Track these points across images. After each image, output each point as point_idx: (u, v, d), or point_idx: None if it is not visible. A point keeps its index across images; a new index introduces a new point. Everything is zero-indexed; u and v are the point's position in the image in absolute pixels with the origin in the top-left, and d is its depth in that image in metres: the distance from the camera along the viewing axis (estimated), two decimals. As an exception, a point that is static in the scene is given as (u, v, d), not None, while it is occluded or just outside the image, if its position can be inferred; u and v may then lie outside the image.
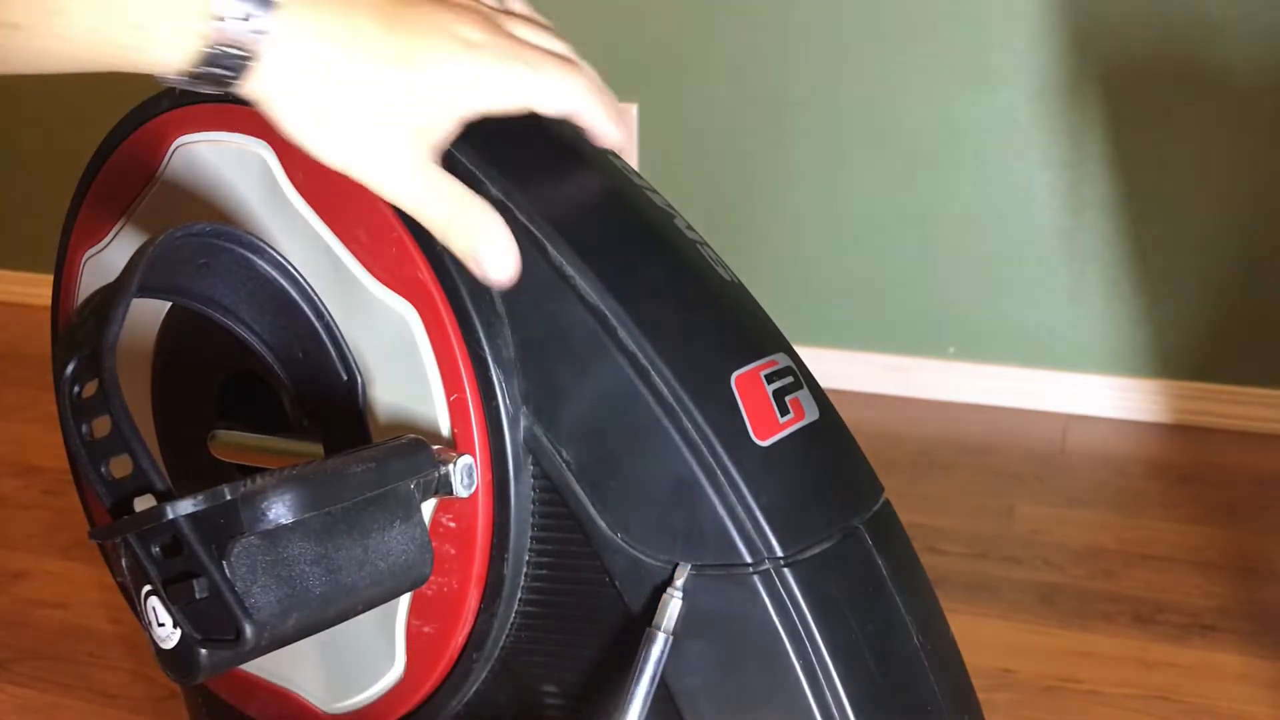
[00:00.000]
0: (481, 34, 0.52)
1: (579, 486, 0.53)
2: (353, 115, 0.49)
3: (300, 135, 0.49)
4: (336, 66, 0.48)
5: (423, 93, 0.50)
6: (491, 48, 0.52)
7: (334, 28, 0.48)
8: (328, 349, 0.57)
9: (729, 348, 0.55)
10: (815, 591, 0.52)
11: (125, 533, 0.44)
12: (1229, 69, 1.68)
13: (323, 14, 0.48)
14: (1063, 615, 1.35)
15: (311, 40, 0.48)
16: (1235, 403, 1.82)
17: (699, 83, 1.89)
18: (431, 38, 0.50)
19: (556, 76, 0.53)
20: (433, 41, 0.50)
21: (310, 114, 0.49)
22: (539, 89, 0.53)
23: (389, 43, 0.49)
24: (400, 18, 0.50)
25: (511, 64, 0.52)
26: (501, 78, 0.52)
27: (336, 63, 0.48)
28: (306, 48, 0.48)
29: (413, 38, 0.50)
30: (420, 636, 0.57)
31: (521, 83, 0.52)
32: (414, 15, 0.50)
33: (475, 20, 0.52)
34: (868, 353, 1.94)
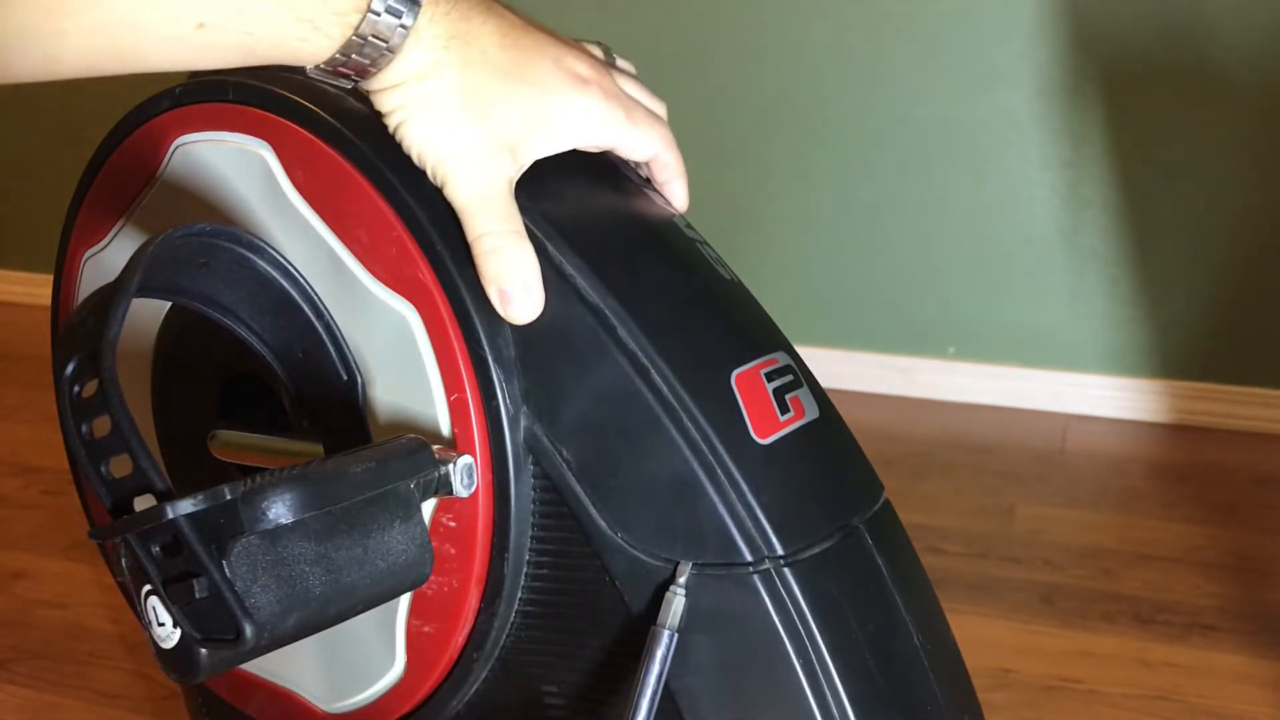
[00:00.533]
0: (590, 72, 0.55)
1: (579, 486, 0.53)
2: (456, 115, 0.52)
3: (403, 122, 0.52)
4: (455, 69, 0.51)
5: (525, 112, 0.53)
6: (598, 86, 0.55)
7: (462, 35, 0.51)
8: (328, 349, 0.57)
9: (729, 346, 0.55)
10: (815, 591, 0.52)
11: (125, 532, 0.44)
12: (1229, 69, 1.68)
13: (455, 21, 0.51)
14: (1063, 615, 1.35)
15: (441, 42, 0.51)
16: (1235, 403, 1.82)
17: (699, 82, 1.89)
18: (545, 64, 0.53)
19: (647, 127, 0.57)
20: (545, 68, 0.53)
21: (419, 106, 0.52)
22: (630, 134, 0.56)
23: (505, 59, 0.52)
24: (519, 40, 0.53)
25: (611, 105, 0.55)
26: (600, 116, 0.55)
27: (456, 66, 0.51)
28: (435, 49, 0.51)
29: (528, 60, 0.53)
30: (420, 636, 0.57)
31: (616, 125, 0.56)
32: (531, 41, 0.54)
33: (585, 59, 0.55)
34: (868, 353, 1.94)
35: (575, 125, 0.54)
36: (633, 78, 0.60)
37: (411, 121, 0.52)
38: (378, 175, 0.54)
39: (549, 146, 0.54)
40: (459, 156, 0.52)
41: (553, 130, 0.54)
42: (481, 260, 0.53)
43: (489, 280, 0.53)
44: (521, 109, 0.53)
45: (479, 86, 0.52)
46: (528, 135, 0.53)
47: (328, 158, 0.55)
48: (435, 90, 0.51)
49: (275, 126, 0.57)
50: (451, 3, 0.51)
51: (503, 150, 0.53)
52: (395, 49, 0.50)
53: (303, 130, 0.56)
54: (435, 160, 0.53)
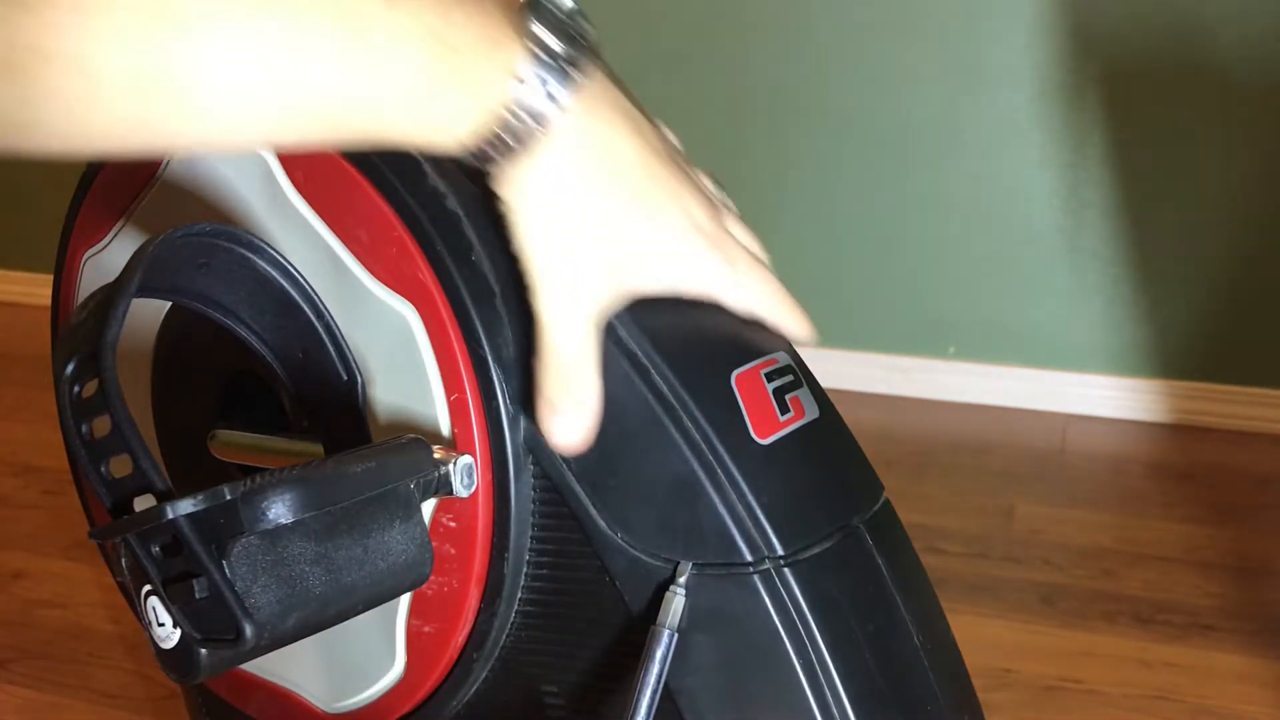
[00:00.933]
0: (706, 219, 0.53)
1: (579, 486, 0.53)
2: (569, 230, 0.50)
3: (516, 214, 0.50)
4: (584, 184, 0.49)
5: (640, 251, 0.51)
6: (709, 235, 0.53)
7: (599, 148, 0.49)
8: (328, 349, 0.57)
9: (729, 346, 0.55)
10: (815, 591, 0.52)
11: (125, 533, 0.44)
12: (1229, 69, 1.68)
13: (598, 131, 0.49)
14: (1063, 615, 1.35)
15: (575, 150, 0.49)
16: (1235, 403, 1.82)
17: (699, 82, 1.89)
18: (668, 200, 0.52)
19: (752, 281, 0.55)
20: (668, 204, 0.52)
21: (538, 204, 0.49)
22: (732, 287, 0.55)
23: (635, 186, 0.51)
24: (652, 170, 0.51)
25: (717, 257, 0.54)
26: (705, 267, 0.53)
27: (586, 181, 0.49)
28: (568, 156, 0.49)
29: (655, 191, 0.51)
30: (420, 636, 0.57)
31: (719, 277, 0.54)
32: (663, 172, 0.52)
33: (703, 202, 0.54)
34: (868, 353, 1.94)
35: (683, 275, 0.53)
36: (738, 220, 0.58)
37: (525, 219, 0.50)
38: (378, 175, 0.54)
39: (649, 288, 0.52)
40: (560, 268, 0.50)
41: (659, 275, 0.52)
42: (543, 375, 0.51)
43: (544, 396, 0.51)
44: (638, 244, 0.51)
45: (605, 207, 0.50)
46: (633, 273, 0.51)
47: (328, 157, 0.55)
48: (560, 202, 0.49)
49: (275, 126, 0.57)
50: (598, 113, 0.49)
51: (605, 275, 0.51)
52: (530, 147, 0.47)
53: (303, 130, 0.56)
54: (535, 263, 0.50)
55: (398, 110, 0.45)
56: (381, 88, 0.44)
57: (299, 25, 0.41)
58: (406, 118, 0.45)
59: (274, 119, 0.43)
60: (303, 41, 0.41)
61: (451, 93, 0.45)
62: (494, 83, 0.46)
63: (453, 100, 0.45)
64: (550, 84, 0.47)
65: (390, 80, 0.44)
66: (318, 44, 0.42)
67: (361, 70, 0.43)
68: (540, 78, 0.47)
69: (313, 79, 0.42)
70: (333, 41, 0.42)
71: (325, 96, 0.43)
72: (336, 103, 0.43)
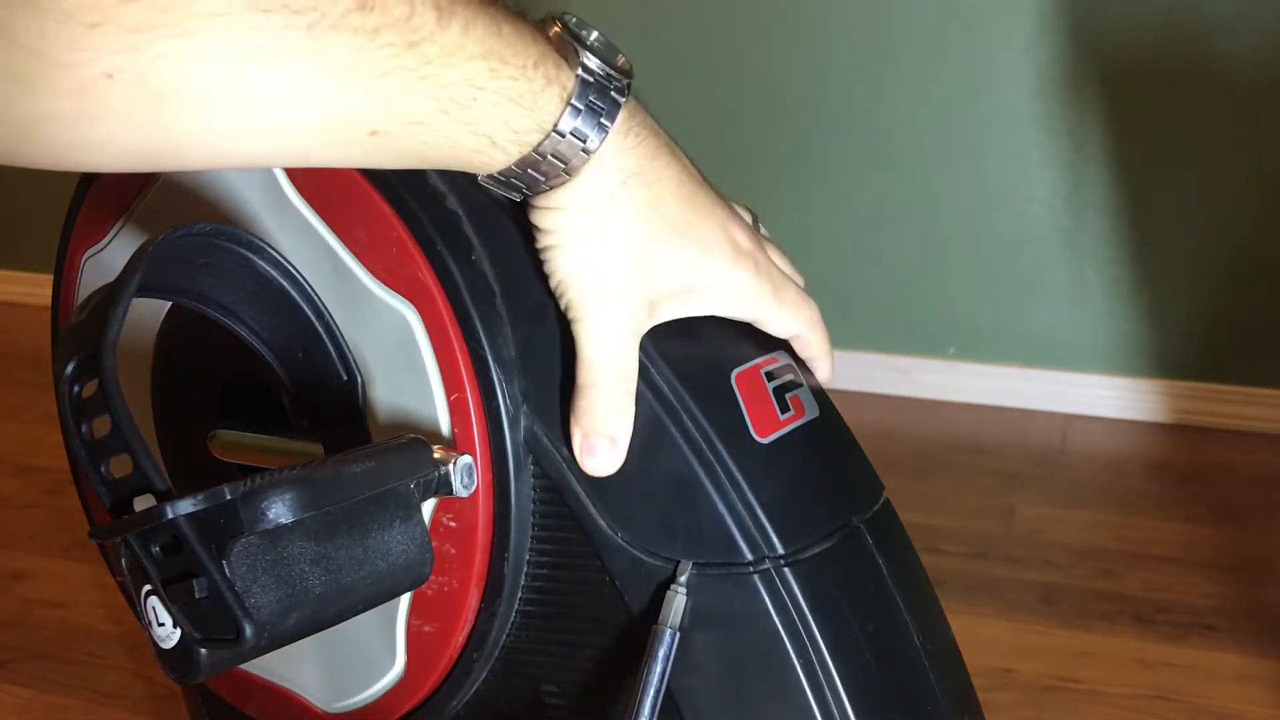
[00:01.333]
0: (749, 244, 0.54)
1: (579, 486, 0.53)
2: (615, 257, 0.50)
3: (556, 246, 0.50)
4: (628, 210, 0.49)
5: (683, 274, 0.51)
6: (752, 260, 0.54)
7: (643, 174, 0.49)
8: (328, 349, 0.57)
9: (729, 345, 0.55)
10: (815, 591, 0.52)
11: (125, 532, 0.44)
12: (1229, 69, 1.68)
13: (640, 159, 0.49)
14: (1063, 615, 1.35)
15: (621, 177, 0.49)
16: (1235, 403, 1.82)
17: (699, 83, 1.89)
18: (712, 227, 0.52)
19: (794, 305, 0.56)
20: (712, 231, 0.52)
21: (579, 236, 0.49)
22: (775, 312, 0.55)
23: (678, 212, 0.50)
24: (693, 195, 0.51)
25: (762, 282, 0.54)
26: (750, 291, 0.54)
27: (630, 207, 0.49)
28: (614, 183, 0.49)
29: (699, 219, 0.51)
30: (420, 636, 0.57)
31: (763, 302, 0.54)
32: (704, 200, 0.52)
33: (744, 229, 0.54)
34: (868, 353, 1.94)
35: (724, 296, 0.53)
36: (776, 248, 0.58)
37: (566, 249, 0.50)
38: (377, 175, 0.54)
39: (691, 311, 0.53)
40: (601, 300, 0.50)
41: (700, 297, 0.52)
42: (581, 406, 0.51)
43: (580, 426, 0.51)
44: (680, 270, 0.51)
45: (646, 234, 0.50)
46: (675, 297, 0.51)
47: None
48: (601, 226, 0.49)
49: (275, 126, 0.57)
50: (640, 137, 0.49)
51: (646, 306, 0.51)
52: (574, 171, 0.48)
53: (303, 130, 0.56)
54: (576, 295, 0.50)
55: (455, 128, 0.45)
56: (435, 104, 0.44)
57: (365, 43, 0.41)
58: (462, 135, 0.45)
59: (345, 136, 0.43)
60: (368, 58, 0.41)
61: (507, 110, 0.45)
62: (549, 102, 0.46)
63: (508, 118, 0.45)
64: (599, 107, 0.47)
65: (442, 95, 0.44)
66: (379, 59, 0.42)
67: (416, 86, 0.43)
68: (590, 100, 0.47)
69: (375, 95, 0.42)
70: (390, 58, 0.42)
71: (388, 112, 0.43)
72: (394, 119, 0.43)
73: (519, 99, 0.45)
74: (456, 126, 0.45)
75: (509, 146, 0.46)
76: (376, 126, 0.44)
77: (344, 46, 0.41)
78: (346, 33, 0.41)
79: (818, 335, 0.57)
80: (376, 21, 0.41)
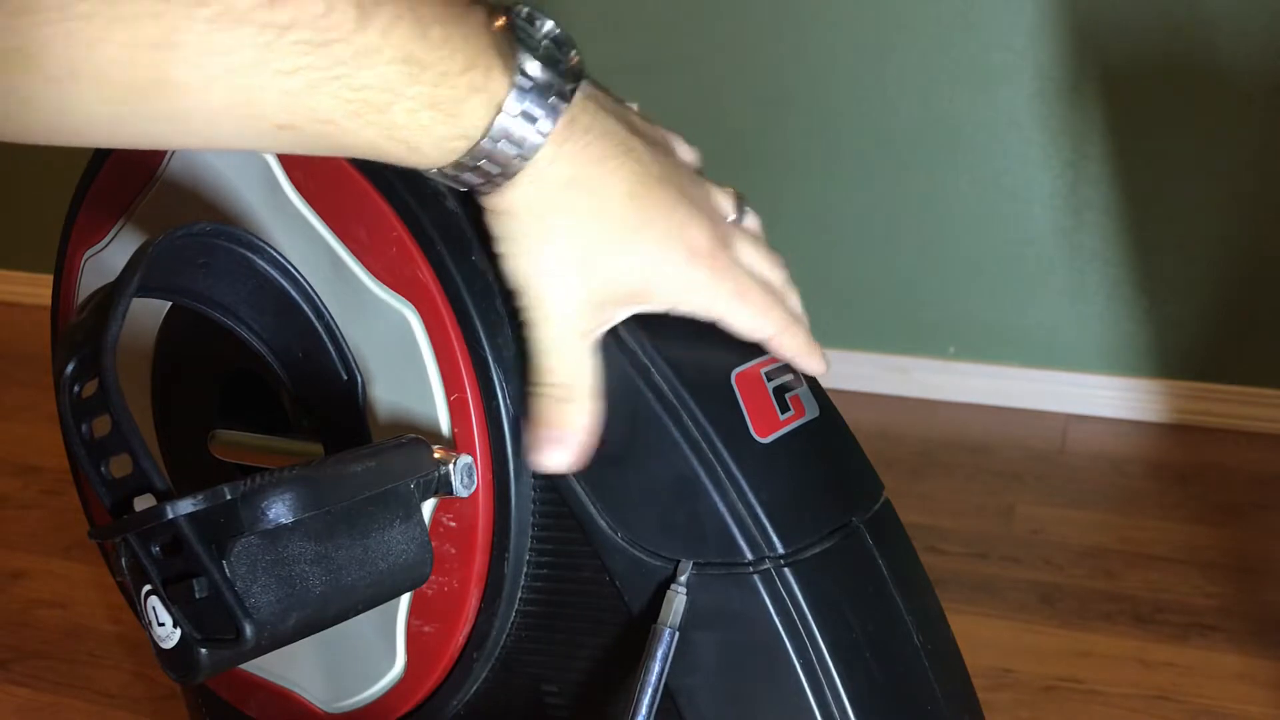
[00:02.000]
0: (706, 243, 0.52)
1: (579, 486, 0.53)
2: (561, 263, 0.49)
3: (507, 254, 0.50)
4: (573, 217, 0.49)
5: (630, 280, 0.50)
6: (709, 261, 0.52)
7: (586, 182, 0.48)
8: (328, 349, 0.57)
9: (729, 345, 0.55)
10: (815, 591, 0.52)
11: (125, 533, 0.44)
12: (1229, 69, 1.68)
13: (584, 165, 0.48)
14: (1063, 615, 1.35)
15: (560, 184, 0.48)
16: (1235, 403, 1.82)
17: (699, 83, 1.89)
18: (664, 229, 0.50)
19: (756, 310, 0.54)
20: (663, 233, 0.50)
21: (526, 241, 0.49)
22: (736, 315, 0.53)
23: (627, 212, 0.49)
24: (647, 197, 0.50)
25: (721, 283, 0.52)
26: (706, 293, 0.52)
27: (575, 214, 0.49)
28: (553, 189, 0.48)
29: (649, 219, 0.50)
30: (420, 636, 0.57)
31: (720, 302, 0.53)
32: (660, 199, 0.50)
33: (704, 228, 0.52)
34: (868, 353, 1.94)
35: (678, 297, 0.52)
36: (756, 241, 0.57)
37: (514, 258, 0.50)
38: (378, 175, 0.54)
39: (640, 308, 0.52)
40: (552, 304, 0.50)
41: (654, 299, 0.52)
42: (537, 402, 0.51)
43: (535, 422, 0.52)
44: (630, 274, 0.50)
45: (596, 239, 0.49)
46: (625, 300, 0.51)
47: (328, 157, 0.55)
48: (543, 232, 0.49)
49: (275, 126, 0.57)
50: (586, 140, 0.48)
51: (598, 308, 0.51)
52: (509, 176, 0.47)
53: (303, 130, 0.56)
54: (525, 301, 0.50)
55: (368, 130, 0.44)
56: (347, 106, 0.43)
57: (274, 39, 0.41)
58: (377, 138, 0.44)
59: (252, 128, 0.43)
60: (276, 54, 0.41)
61: (425, 117, 0.44)
62: (474, 110, 0.45)
63: (427, 124, 0.44)
64: (535, 114, 0.46)
65: (355, 97, 0.43)
66: (288, 56, 0.41)
67: (327, 85, 0.42)
68: (525, 108, 0.46)
69: (282, 91, 0.42)
70: (300, 56, 0.41)
71: (296, 109, 0.42)
72: (303, 116, 0.43)
73: (438, 105, 0.44)
74: (369, 129, 0.44)
75: (431, 152, 0.46)
76: (283, 121, 0.43)
77: (249, 40, 0.40)
78: (253, 27, 0.40)
79: (789, 337, 0.55)
80: (289, 17, 0.40)
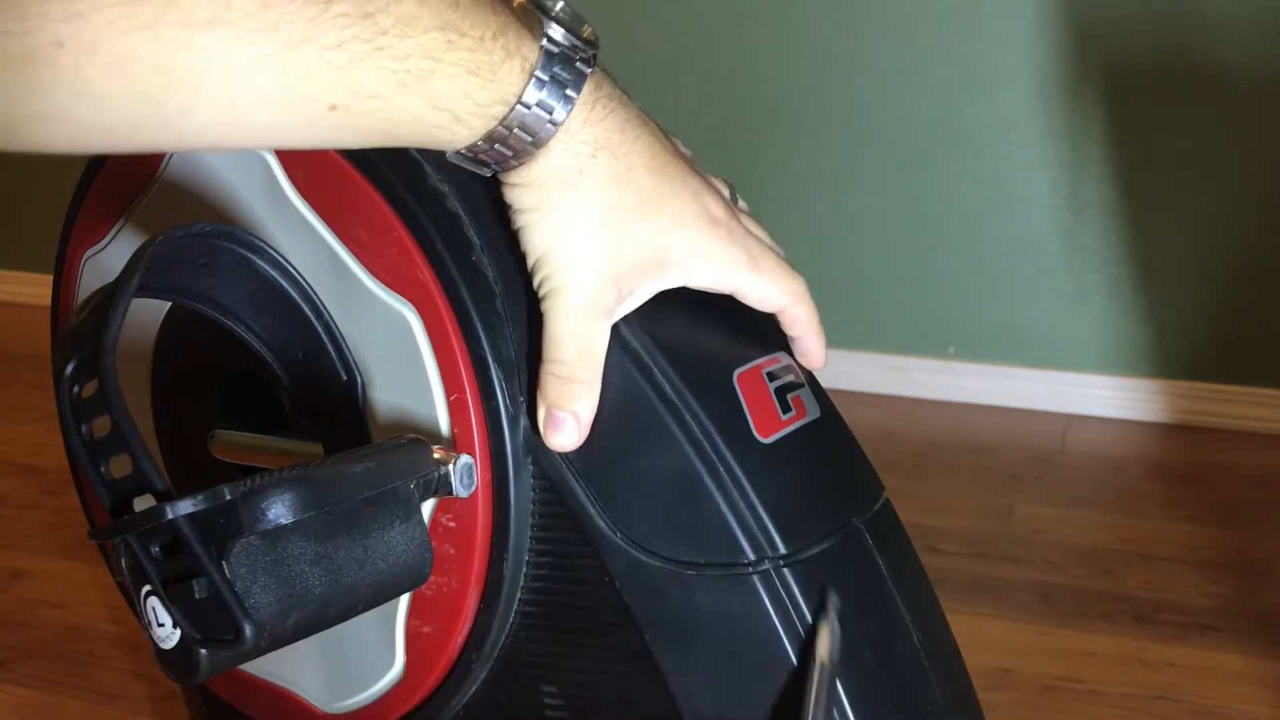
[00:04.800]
0: (723, 214, 0.53)
1: (579, 486, 0.53)
2: (587, 232, 0.49)
3: (529, 225, 0.50)
4: (599, 184, 0.49)
5: (654, 247, 0.51)
6: (727, 229, 0.52)
7: (612, 147, 0.49)
8: (328, 349, 0.57)
9: (731, 346, 0.55)
10: (815, 591, 0.52)
11: (125, 533, 0.44)
12: (1229, 69, 1.68)
13: (608, 131, 0.49)
14: (1063, 615, 1.35)
15: (590, 149, 0.48)
16: (1235, 403, 1.82)
17: (699, 83, 1.89)
18: (684, 199, 0.51)
19: (774, 276, 0.54)
20: (683, 203, 0.51)
21: (551, 211, 0.49)
22: (754, 281, 0.54)
23: (649, 185, 0.50)
24: (665, 166, 0.51)
25: (736, 250, 0.53)
26: (724, 260, 0.52)
27: (600, 180, 0.49)
28: (582, 156, 0.48)
29: (670, 191, 0.51)
30: (420, 636, 0.57)
31: (737, 270, 0.53)
32: (675, 171, 0.51)
33: (718, 199, 0.53)
34: (868, 353, 1.94)
35: (697, 266, 0.52)
36: (756, 221, 0.57)
37: (538, 228, 0.50)
38: (378, 175, 0.54)
39: (664, 284, 0.52)
40: (570, 280, 0.50)
41: (673, 269, 0.52)
42: (547, 381, 0.51)
43: (544, 400, 0.52)
44: (650, 243, 0.50)
45: (617, 208, 0.49)
46: (646, 270, 0.51)
47: (328, 158, 0.55)
48: (572, 201, 0.49)
49: (275, 126, 0.57)
50: (608, 109, 0.49)
51: (615, 282, 0.50)
52: (541, 145, 0.47)
53: (303, 130, 0.56)
54: (548, 271, 0.50)
55: (415, 102, 0.44)
56: (393, 77, 0.43)
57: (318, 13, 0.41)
58: (424, 110, 0.45)
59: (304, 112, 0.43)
60: (321, 29, 0.41)
61: (467, 83, 0.45)
62: (510, 74, 0.46)
63: (469, 90, 0.45)
64: (564, 78, 0.47)
65: (400, 67, 0.43)
66: (331, 30, 0.41)
67: (372, 57, 0.42)
68: (554, 72, 0.46)
69: (330, 66, 0.42)
70: (344, 29, 0.42)
71: (345, 85, 0.43)
72: (352, 93, 0.43)
73: (478, 70, 0.45)
74: (416, 100, 0.44)
75: (472, 120, 0.46)
76: (335, 100, 0.43)
77: (296, 15, 0.41)
78: (299, 2, 0.40)
79: (804, 309, 0.56)
80: None
